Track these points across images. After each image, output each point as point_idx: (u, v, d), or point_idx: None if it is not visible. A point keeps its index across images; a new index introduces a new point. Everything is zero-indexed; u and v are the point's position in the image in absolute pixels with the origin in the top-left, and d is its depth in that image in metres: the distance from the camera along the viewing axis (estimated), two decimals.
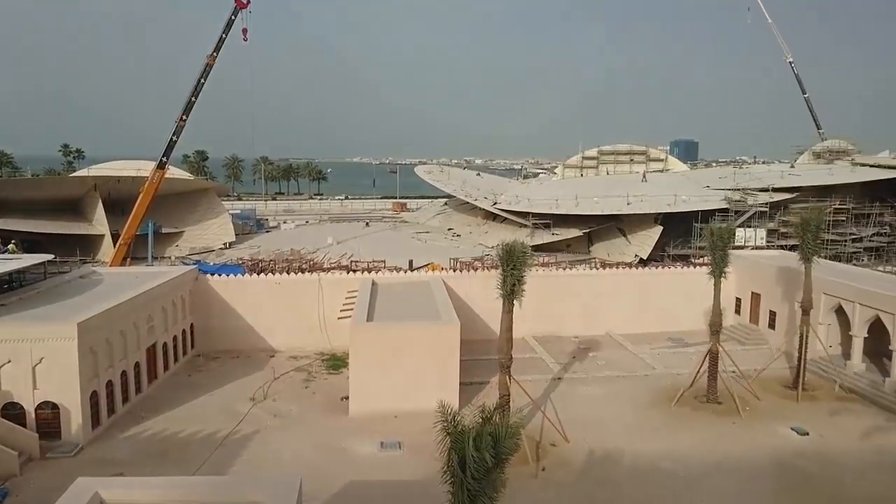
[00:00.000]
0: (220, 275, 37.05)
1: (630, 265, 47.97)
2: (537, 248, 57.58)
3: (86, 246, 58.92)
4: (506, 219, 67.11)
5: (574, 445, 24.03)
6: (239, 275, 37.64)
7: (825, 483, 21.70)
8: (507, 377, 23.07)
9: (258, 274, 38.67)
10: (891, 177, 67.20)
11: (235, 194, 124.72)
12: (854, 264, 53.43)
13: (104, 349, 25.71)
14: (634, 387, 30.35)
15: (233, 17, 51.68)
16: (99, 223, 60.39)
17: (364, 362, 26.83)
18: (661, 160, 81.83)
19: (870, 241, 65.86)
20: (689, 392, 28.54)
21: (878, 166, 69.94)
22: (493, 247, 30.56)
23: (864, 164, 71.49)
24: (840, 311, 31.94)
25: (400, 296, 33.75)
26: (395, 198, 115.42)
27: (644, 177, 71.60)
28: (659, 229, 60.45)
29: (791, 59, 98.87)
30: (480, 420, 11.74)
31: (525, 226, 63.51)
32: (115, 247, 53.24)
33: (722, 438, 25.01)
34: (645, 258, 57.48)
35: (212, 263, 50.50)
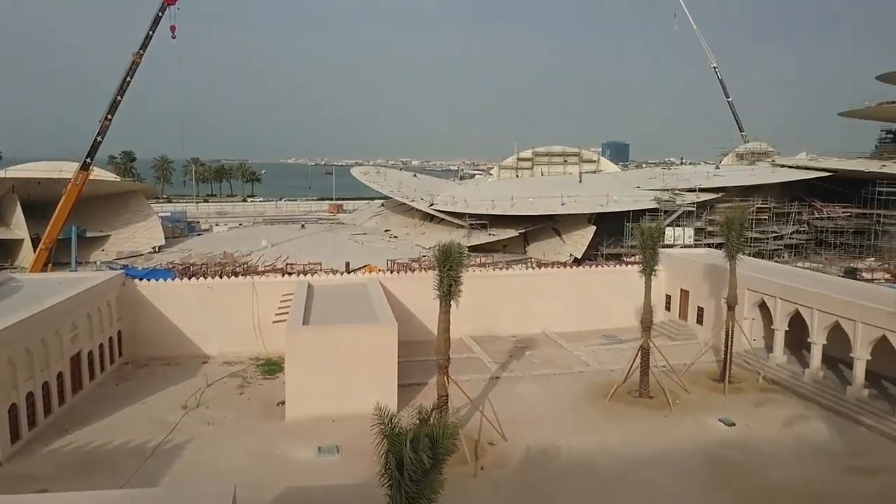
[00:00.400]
0: (149, 279, 35.88)
1: (565, 265, 48.83)
2: (474, 249, 58.06)
3: (3, 251, 56.17)
4: (443, 220, 67.41)
5: (512, 443, 24.27)
6: (169, 279, 36.53)
7: (750, 471, 22.56)
8: (445, 378, 23.12)
9: (189, 278, 37.61)
10: (808, 177, 70.65)
11: (165, 196, 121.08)
12: (776, 261, 55.91)
13: (23, 360, 24.50)
14: (570, 383, 30.89)
15: (160, 14, 50.23)
16: (18, 227, 57.67)
17: (300, 366, 26.44)
18: (594, 161, 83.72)
19: (790, 238, 69.03)
20: (623, 387, 29.23)
21: (797, 167, 73.46)
22: (430, 248, 30.67)
23: (783, 165, 74.95)
24: (763, 306, 33.29)
25: (336, 298, 33.42)
26: (332, 199, 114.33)
27: (580, 178, 73.08)
28: (592, 229, 61.83)
29: (715, 65, 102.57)
30: (418, 421, 11.73)
31: (462, 227, 63.92)
32: (35, 252, 50.93)
33: (654, 431, 25.70)
34: (579, 257, 58.68)
35: (140, 268, 48.92)
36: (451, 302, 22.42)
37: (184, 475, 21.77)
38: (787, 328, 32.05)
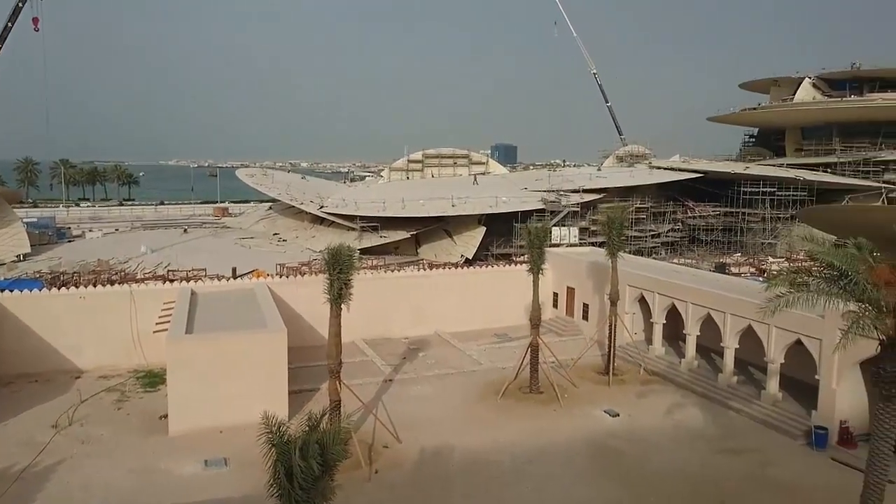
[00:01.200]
0: (12, 290, 33.15)
1: (456, 265, 49.36)
2: (365, 251, 57.64)
3: None
4: (333, 222, 66.48)
5: (406, 445, 24.23)
6: (36, 290, 33.90)
7: (633, 458, 23.65)
8: (337, 382, 22.78)
9: (59, 288, 35.07)
10: (681, 178, 75.09)
11: (30, 201, 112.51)
12: (654, 258, 58.97)
13: None
14: (463, 383, 31.23)
15: (20, 4, 46.64)
16: None
17: (184, 377, 25.22)
18: (483, 163, 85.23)
19: (666, 236, 73.06)
20: (514, 384, 29.87)
21: (671, 169, 77.88)
22: (320, 251, 30.14)
23: (659, 167, 79.21)
24: (643, 301, 35.00)
25: (222, 305, 32.20)
26: (216, 203, 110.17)
27: (475, 180, 74.05)
28: (482, 230, 62.90)
29: (595, 71, 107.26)
30: (307, 428, 11.44)
31: (353, 229, 63.29)
32: None
33: (544, 425, 26.43)
34: (470, 258, 59.50)
35: (2, 278, 45.17)
36: (342, 305, 22.11)
37: (53, 499, 20.24)
38: (665, 321, 33.89)
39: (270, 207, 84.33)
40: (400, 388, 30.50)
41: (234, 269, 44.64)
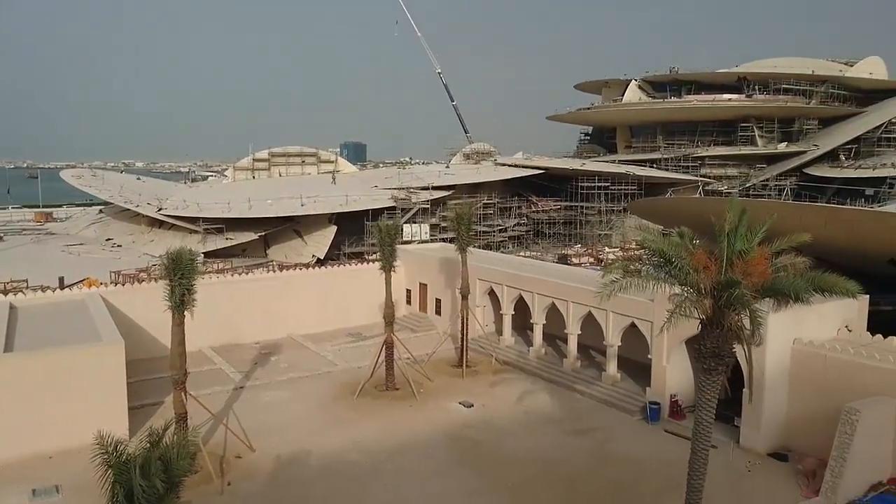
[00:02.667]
0: None
1: (308, 265, 48.41)
2: (210, 255, 55.15)
3: None
4: (174, 225, 62.88)
5: (260, 453, 23.43)
6: None
7: (488, 446, 24.40)
8: (182, 394, 21.57)
9: None
10: (525, 174, 78.40)
11: None
12: (501, 251, 61.13)
13: None
14: (318, 385, 30.72)
15: None
16: None
17: (5, 400, 22.80)
18: (332, 162, 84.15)
19: (513, 230, 76.09)
20: (370, 383, 29.80)
21: (515, 165, 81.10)
22: (159, 256, 28.29)
23: (504, 164, 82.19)
24: (492, 294, 36.16)
25: (49, 318, 29.49)
26: (38, 207, 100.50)
27: (334, 179, 72.73)
28: (333, 229, 62.21)
29: (439, 70, 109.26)
30: (148, 445, 10.72)
31: (196, 231, 60.19)
32: None
33: (401, 421, 26.59)
34: (322, 258, 58.65)
35: None
36: (185, 312, 20.95)
37: None
38: (514, 312, 35.24)
39: (101, 211, 78.27)
40: (252, 395, 29.45)
41: (61, 279, 40.97)
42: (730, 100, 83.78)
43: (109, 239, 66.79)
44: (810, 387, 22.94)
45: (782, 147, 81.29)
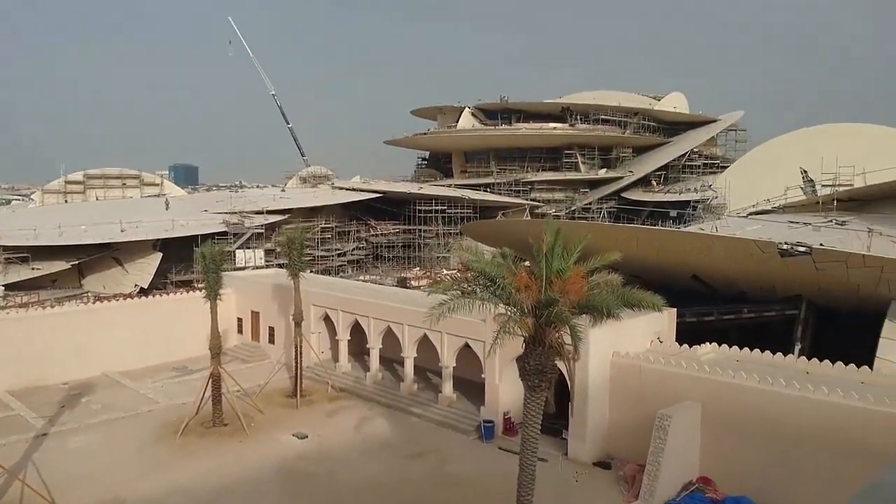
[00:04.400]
0: None
1: (129, 296, 44.84)
2: (11, 287, 49.71)
3: None
4: None
5: None
6: None
7: (323, 477, 23.54)
8: None
9: None
10: (363, 198, 78.20)
11: None
12: (341, 276, 60.29)
13: None
14: (136, 426, 28.22)
15: None
16: None
17: None
18: (157, 185, 79.27)
19: (352, 254, 75.42)
20: (196, 420, 27.86)
21: (353, 189, 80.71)
22: None
23: (341, 188, 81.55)
24: (328, 319, 35.34)
25: None
26: None
27: (167, 204, 67.92)
28: (158, 256, 58.29)
29: (273, 92, 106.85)
30: None
31: None
32: None
33: (230, 459, 25.00)
34: (146, 287, 54.72)
35: None
36: None
37: None
38: (350, 337, 34.62)
39: None
40: (58, 443, 26.43)
41: None
42: (555, 128, 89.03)
43: None
44: (629, 397, 24.38)
45: (602, 173, 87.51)
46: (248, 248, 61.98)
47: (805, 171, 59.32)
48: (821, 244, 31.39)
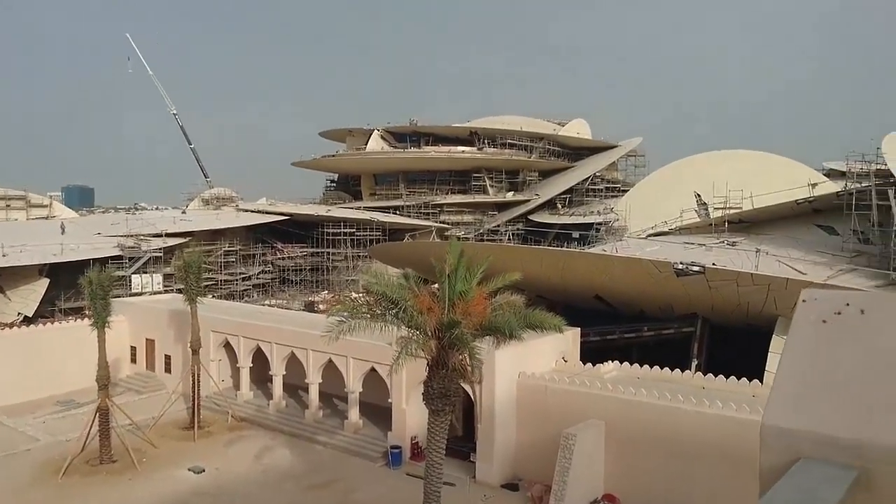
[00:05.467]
0: None
1: (11, 325, 41.64)
2: None
3: None
4: None
5: None
6: None
7: None
8: None
9: None
10: (269, 220, 76.30)
11: None
12: (246, 300, 58.32)
13: None
14: (13, 467, 25.97)
15: None
16: None
17: None
18: (45, 206, 74.55)
19: (258, 278, 73.23)
20: (81, 457, 25.92)
21: (258, 211, 78.66)
22: None
23: (246, 210, 79.33)
24: (228, 346, 33.90)
25: None
26: None
27: (62, 228, 63.42)
28: (45, 282, 54.55)
29: (175, 111, 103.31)
30: None
31: None
32: None
33: (117, 498, 23.39)
34: (31, 315, 51.00)
35: None
36: None
37: None
38: (252, 364, 33.31)
39: None
40: None
41: None
42: (463, 152, 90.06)
43: None
44: (535, 417, 24.44)
45: (510, 196, 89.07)
46: (146, 272, 59.03)
47: (699, 195, 62.31)
48: (713, 264, 32.86)
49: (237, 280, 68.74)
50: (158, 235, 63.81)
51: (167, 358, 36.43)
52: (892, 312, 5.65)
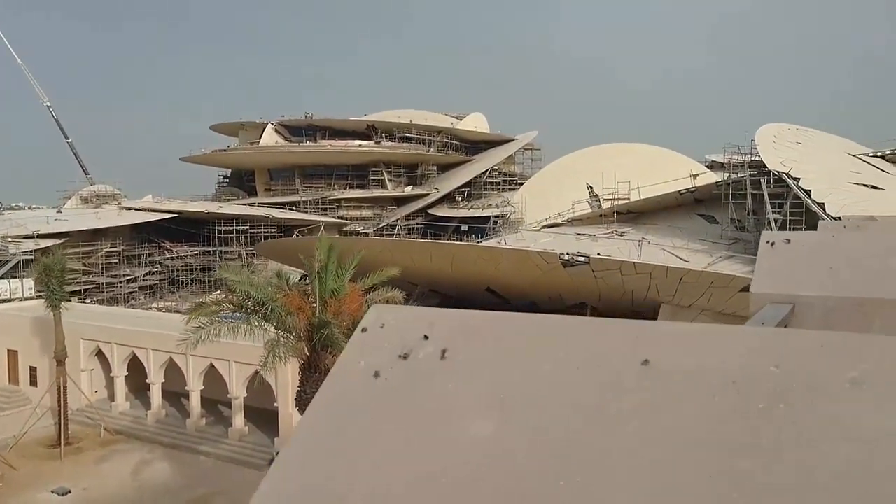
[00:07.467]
0: None
1: None
2: None
3: None
4: None
5: None
6: None
7: None
8: None
9: None
10: (155, 219, 72.40)
11: None
12: (131, 304, 55.02)
13: None
14: None
15: None
16: None
17: None
18: None
19: (144, 280, 69.31)
20: None
21: (143, 209, 74.45)
22: None
23: (130, 208, 74.94)
24: (101, 354, 31.62)
25: None
26: None
27: None
28: None
29: (48, 103, 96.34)
30: None
31: None
32: None
33: None
34: None
35: None
36: None
37: None
38: (129, 373, 31.20)
39: None
40: None
41: None
42: (360, 146, 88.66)
43: None
44: None
45: (409, 190, 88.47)
46: (14, 277, 54.54)
47: (591, 187, 63.90)
48: (598, 254, 33.45)
49: (121, 283, 64.82)
50: (30, 237, 59.18)
51: (32, 370, 33.58)
52: None
